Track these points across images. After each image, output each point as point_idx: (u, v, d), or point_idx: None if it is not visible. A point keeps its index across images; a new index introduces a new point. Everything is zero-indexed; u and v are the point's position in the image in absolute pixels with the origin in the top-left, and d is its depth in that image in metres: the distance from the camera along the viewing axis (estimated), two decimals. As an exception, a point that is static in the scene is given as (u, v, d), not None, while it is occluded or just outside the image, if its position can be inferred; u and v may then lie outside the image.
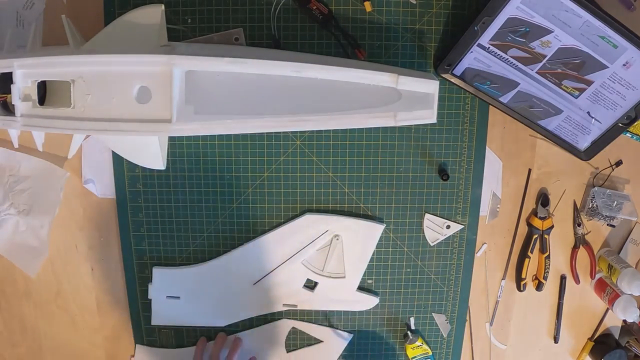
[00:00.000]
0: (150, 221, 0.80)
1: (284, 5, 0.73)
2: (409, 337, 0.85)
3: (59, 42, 0.71)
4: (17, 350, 0.86)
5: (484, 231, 0.84)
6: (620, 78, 0.72)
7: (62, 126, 0.64)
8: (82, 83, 0.63)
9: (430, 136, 0.79)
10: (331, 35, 0.74)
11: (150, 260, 0.81)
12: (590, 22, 0.68)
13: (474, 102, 0.78)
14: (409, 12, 0.75)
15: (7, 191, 0.78)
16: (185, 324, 0.83)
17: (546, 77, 0.73)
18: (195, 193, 0.79)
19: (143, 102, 0.63)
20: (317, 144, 0.78)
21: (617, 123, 0.75)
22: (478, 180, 0.81)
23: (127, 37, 0.64)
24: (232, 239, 0.81)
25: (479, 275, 0.86)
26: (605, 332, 0.92)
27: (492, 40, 0.70)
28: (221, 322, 0.83)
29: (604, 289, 0.87)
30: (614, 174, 0.85)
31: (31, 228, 0.79)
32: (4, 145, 0.76)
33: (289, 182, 0.79)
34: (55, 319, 0.84)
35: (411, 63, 0.76)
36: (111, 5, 0.72)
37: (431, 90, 0.69)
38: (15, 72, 0.61)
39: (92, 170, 0.78)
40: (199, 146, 0.77)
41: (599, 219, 0.84)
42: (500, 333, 0.90)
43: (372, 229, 0.81)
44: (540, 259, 0.85)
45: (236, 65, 0.64)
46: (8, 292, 0.83)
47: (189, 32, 0.73)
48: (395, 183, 0.80)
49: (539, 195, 0.84)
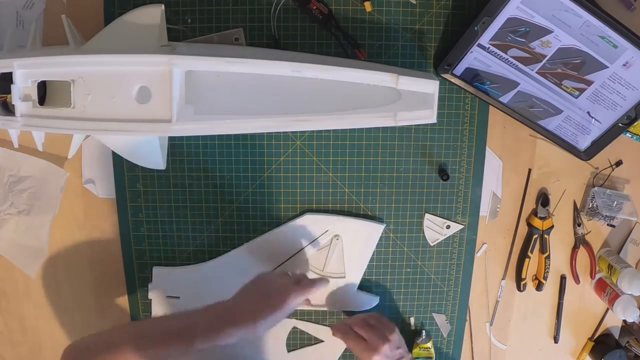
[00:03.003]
0: (150, 221, 0.80)
1: (284, 5, 0.73)
2: (422, 336, 0.85)
3: (59, 42, 0.70)
4: (17, 350, 0.86)
5: (484, 231, 0.84)
6: (620, 78, 0.72)
7: (62, 126, 0.64)
8: (82, 83, 0.63)
9: (430, 136, 0.79)
10: (331, 35, 0.74)
11: (150, 260, 0.81)
12: (590, 22, 0.68)
13: (474, 102, 0.78)
14: (409, 12, 0.75)
15: (7, 191, 0.78)
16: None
17: (546, 77, 0.73)
18: (195, 193, 0.79)
19: (143, 102, 0.63)
20: (317, 144, 0.78)
21: (617, 123, 0.75)
22: (478, 180, 0.81)
23: (127, 37, 0.64)
24: (232, 239, 0.81)
25: (479, 275, 0.86)
26: (605, 332, 0.92)
27: (492, 40, 0.70)
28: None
29: (604, 289, 0.87)
30: (614, 174, 0.85)
31: (31, 228, 0.79)
32: (4, 145, 0.76)
33: (289, 182, 0.79)
34: (55, 319, 0.84)
35: (411, 63, 0.76)
36: (111, 5, 0.72)
37: (431, 90, 0.69)
38: (15, 72, 0.61)
39: (92, 170, 0.78)
40: (199, 146, 0.77)
41: (599, 219, 0.84)
42: (500, 333, 0.90)
43: (372, 229, 0.81)
44: (540, 259, 0.85)
45: (236, 65, 0.64)
46: (8, 292, 0.83)
47: (189, 32, 0.73)
48: (395, 183, 0.80)
49: (539, 195, 0.84)
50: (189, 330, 0.65)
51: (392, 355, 0.74)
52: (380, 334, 0.74)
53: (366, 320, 0.77)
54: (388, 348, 0.74)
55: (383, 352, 0.73)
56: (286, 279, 0.72)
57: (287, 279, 0.72)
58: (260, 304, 0.68)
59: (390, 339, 0.74)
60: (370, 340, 0.74)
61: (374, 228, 0.81)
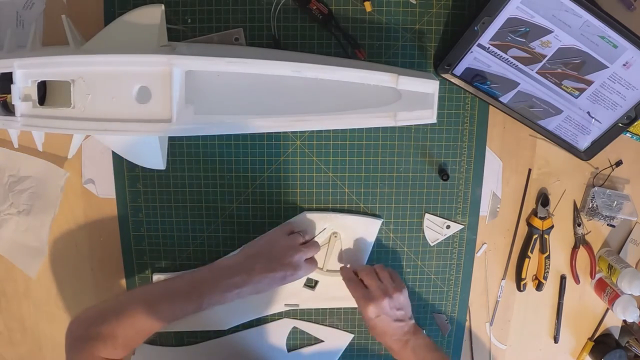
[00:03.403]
0: (150, 221, 0.80)
1: (284, 5, 0.73)
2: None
3: (59, 42, 0.71)
4: (17, 350, 0.86)
5: (484, 231, 0.84)
6: (620, 78, 0.72)
7: (62, 126, 0.64)
8: (82, 83, 0.63)
9: (430, 136, 0.79)
10: (331, 35, 0.74)
11: (150, 260, 0.81)
12: (590, 22, 0.68)
13: (474, 102, 0.78)
14: (409, 12, 0.75)
15: (7, 191, 0.78)
16: (186, 329, 0.83)
17: (546, 77, 0.73)
18: (195, 193, 0.79)
19: (143, 102, 0.64)
20: (317, 144, 0.78)
21: (617, 123, 0.75)
22: (478, 180, 0.81)
23: (127, 37, 0.64)
24: (232, 239, 0.81)
25: (479, 275, 0.86)
26: (605, 332, 0.92)
27: (492, 40, 0.70)
28: (223, 325, 0.83)
29: (604, 289, 0.87)
30: (614, 174, 0.85)
31: (31, 228, 0.79)
32: (4, 145, 0.76)
33: (289, 182, 0.79)
34: (55, 319, 0.84)
35: (411, 63, 0.76)
36: (111, 5, 0.72)
37: (431, 90, 0.69)
38: (15, 72, 0.61)
39: (92, 170, 0.78)
40: (199, 146, 0.77)
41: (599, 219, 0.84)
42: (500, 333, 0.90)
43: (370, 225, 0.80)
44: (540, 259, 0.85)
45: (236, 65, 0.64)
46: (8, 292, 0.83)
47: (189, 32, 0.73)
48: (395, 183, 0.80)
49: (539, 195, 0.84)
50: (197, 288, 0.66)
51: (391, 313, 0.71)
52: (384, 288, 0.72)
53: (375, 270, 0.75)
54: (387, 303, 0.71)
55: (381, 305, 0.70)
56: (293, 241, 0.74)
57: (293, 241, 0.74)
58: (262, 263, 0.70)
59: (393, 296, 0.72)
60: (371, 289, 0.72)
61: (372, 223, 0.81)
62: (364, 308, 0.72)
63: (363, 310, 0.72)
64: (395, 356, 0.74)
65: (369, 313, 0.71)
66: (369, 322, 0.72)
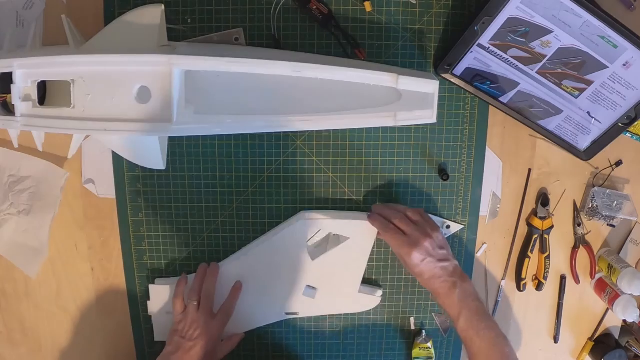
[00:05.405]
0: (150, 221, 0.80)
1: (284, 5, 0.73)
2: (422, 335, 0.85)
3: (59, 42, 0.71)
4: (17, 350, 0.86)
5: (484, 231, 0.84)
6: (620, 78, 0.72)
7: (62, 126, 0.64)
8: (82, 83, 0.63)
9: (430, 136, 0.79)
10: (331, 35, 0.74)
11: (150, 260, 0.81)
12: (590, 22, 0.68)
13: (474, 102, 0.78)
14: (409, 12, 0.75)
15: (7, 191, 0.78)
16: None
17: (546, 77, 0.73)
18: (195, 193, 0.79)
19: (143, 102, 0.64)
20: (317, 144, 0.78)
21: (617, 123, 0.75)
22: (478, 180, 0.81)
23: (127, 37, 0.64)
24: (232, 239, 0.81)
25: (479, 275, 0.86)
26: (605, 332, 0.92)
27: (492, 40, 0.70)
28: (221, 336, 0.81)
29: (604, 289, 0.87)
30: (614, 174, 0.85)
31: (31, 228, 0.79)
32: (4, 145, 0.76)
33: (289, 182, 0.79)
34: (55, 319, 0.84)
35: (411, 63, 0.76)
36: (111, 5, 0.72)
37: (431, 90, 0.69)
38: (15, 72, 0.62)
39: (92, 170, 0.78)
40: (199, 146, 0.77)
41: (599, 219, 0.84)
42: (500, 333, 0.90)
43: (368, 226, 0.80)
44: (540, 259, 0.85)
45: (236, 65, 0.64)
46: (8, 292, 0.83)
47: (189, 32, 0.73)
48: (395, 183, 0.80)
49: (539, 195, 0.84)
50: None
51: (435, 254, 0.69)
52: (422, 230, 0.70)
53: (407, 214, 0.72)
54: (430, 245, 0.69)
55: (424, 248, 0.68)
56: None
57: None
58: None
59: (432, 236, 0.69)
60: (411, 234, 0.69)
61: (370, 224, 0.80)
62: (408, 255, 0.68)
63: (406, 258, 0.69)
64: (440, 301, 0.71)
65: (414, 259, 0.68)
66: (415, 269, 0.69)
